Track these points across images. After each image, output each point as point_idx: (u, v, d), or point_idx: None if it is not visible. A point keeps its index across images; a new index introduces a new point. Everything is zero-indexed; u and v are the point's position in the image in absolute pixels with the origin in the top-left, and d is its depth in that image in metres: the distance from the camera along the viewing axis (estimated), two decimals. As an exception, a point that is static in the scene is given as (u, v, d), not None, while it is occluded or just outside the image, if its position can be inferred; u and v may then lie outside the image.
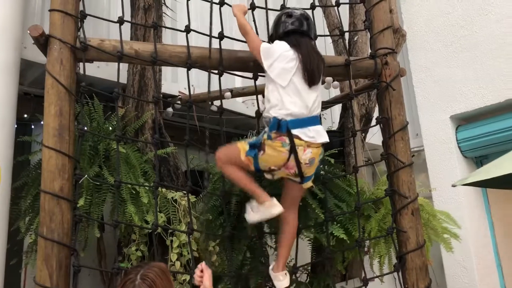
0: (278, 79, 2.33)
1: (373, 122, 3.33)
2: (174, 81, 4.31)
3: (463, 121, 5.40)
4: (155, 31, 2.73)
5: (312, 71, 2.37)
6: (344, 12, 3.98)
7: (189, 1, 2.71)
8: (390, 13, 3.42)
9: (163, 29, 3.63)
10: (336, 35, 4.17)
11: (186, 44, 2.61)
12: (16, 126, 2.82)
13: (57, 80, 2.30)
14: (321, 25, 4.06)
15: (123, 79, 3.45)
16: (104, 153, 2.90)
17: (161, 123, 3.46)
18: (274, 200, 2.42)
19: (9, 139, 2.65)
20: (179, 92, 4.01)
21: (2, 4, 2.74)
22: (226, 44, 2.72)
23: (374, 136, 4.27)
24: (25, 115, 3.51)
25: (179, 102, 3.86)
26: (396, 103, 2.85)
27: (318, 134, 2.35)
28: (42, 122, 2.33)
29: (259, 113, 2.83)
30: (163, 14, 3.64)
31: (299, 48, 2.38)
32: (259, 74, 2.76)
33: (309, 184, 2.51)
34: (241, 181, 2.47)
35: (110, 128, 3.09)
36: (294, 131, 2.28)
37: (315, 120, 2.38)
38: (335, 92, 4.39)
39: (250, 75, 2.80)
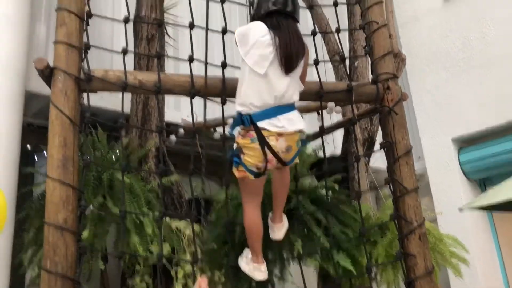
0: (255, 67, 2.18)
1: (377, 146, 3.32)
2: (177, 109, 4.33)
3: (465, 143, 5.40)
4: (159, 60, 2.75)
5: (290, 57, 2.20)
6: (343, 37, 4.03)
7: (191, 30, 2.73)
8: (390, 38, 3.45)
9: (166, 57, 3.66)
10: (337, 61, 4.21)
11: (189, 73, 2.62)
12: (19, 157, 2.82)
13: (62, 111, 2.31)
14: (321, 50, 4.10)
15: (127, 108, 3.46)
16: (108, 183, 2.89)
17: (164, 152, 3.45)
18: (263, 267, 2.46)
19: (13, 171, 2.64)
20: (182, 120, 4.02)
21: (7, 37, 2.78)
22: (229, 72, 2.73)
23: (377, 160, 4.26)
24: (28, 146, 3.51)
25: (182, 130, 3.86)
26: (400, 128, 2.85)
27: (290, 123, 2.23)
28: (45, 153, 2.33)
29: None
30: (166, 44, 3.68)
31: (278, 31, 2.19)
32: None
33: (294, 163, 2.45)
34: (251, 232, 2.42)
35: (114, 158, 3.08)
36: (260, 123, 2.17)
37: (287, 108, 2.25)
38: (337, 117, 4.39)
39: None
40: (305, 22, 6.07)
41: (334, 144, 5.27)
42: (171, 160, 3.61)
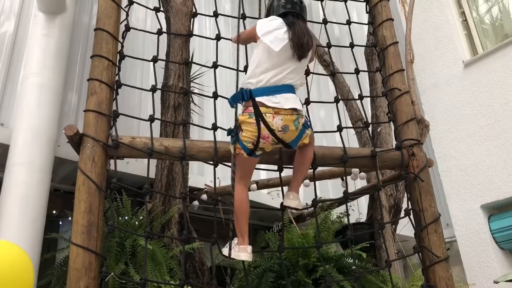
0: (272, 45, 2.43)
1: (403, 213, 3.24)
2: (201, 174, 4.36)
3: (495, 210, 5.23)
4: (184, 127, 2.81)
5: (302, 46, 2.49)
6: (365, 104, 4.08)
7: (216, 100, 2.81)
8: (412, 104, 3.48)
9: (191, 125, 3.74)
10: (360, 127, 4.23)
11: (213, 138, 2.66)
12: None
13: (89, 177, 2.34)
14: (343, 117, 4.15)
15: (151, 174, 3.50)
16: (130, 249, 2.86)
17: (187, 218, 3.44)
18: (249, 249, 2.44)
19: (38, 236, 2.65)
20: (205, 185, 4.03)
21: (41, 105, 2.89)
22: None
23: (405, 227, 4.14)
24: (54, 211, 3.55)
25: (205, 195, 3.87)
26: (426, 195, 2.79)
27: (286, 101, 2.40)
28: (70, 218, 2.34)
29: (284, 206, 2.80)
30: (191, 111, 3.78)
31: (292, 27, 2.52)
32: (284, 166, 2.77)
33: (303, 142, 2.52)
34: (240, 210, 2.47)
35: (137, 223, 3.08)
36: (258, 98, 2.37)
37: (286, 88, 2.45)
38: (361, 183, 4.35)
39: (274, 167, 2.81)
40: (327, 90, 6.21)
41: (359, 210, 5.17)
42: (193, 226, 3.58)
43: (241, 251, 2.44)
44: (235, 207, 2.49)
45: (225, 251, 2.48)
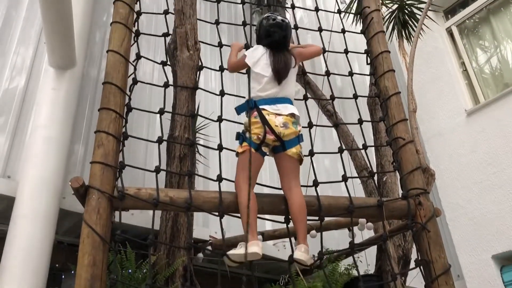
0: (262, 72, 2.77)
1: (412, 264, 3.17)
2: (205, 226, 4.31)
3: (507, 261, 5.11)
4: (190, 178, 2.81)
5: (279, 72, 2.79)
6: (370, 153, 4.09)
7: (221, 152, 2.83)
8: (417, 153, 3.48)
9: (197, 175, 3.74)
10: (365, 176, 4.22)
11: (218, 189, 2.65)
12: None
13: (93, 229, 2.32)
14: (348, 166, 4.14)
15: (156, 225, 3.47)
16: (133, 304, 2.80)
17: (192, 271, 3.37)
18: (260, 243, 2.44)
19: (40, 291, 2.60)
20: (210, 236, 3.98)
21: (49, 158, 2.92)
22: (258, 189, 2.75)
23: (414, 279, 4.03)
24: (57, 264, 3.49)
25: (210, 247, 3.81)
26: (435, 245, 2.74)
27: (285, 109, 2.72)
28: (72, 272, 2.30)
29: (293, 259, 2.74)
30: (196, 161, 3.79)
31: (272, 56, 2.84)
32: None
33: (293, 151, 2.68)
34: (246, 206, 2.45)
35: (141, 277, 3.01)
36: (261, 106, 2.69)
37: (284, 100, 2.76)
38: (369, 234, 4.28)
39: (280, 218, 2.78)
40: (332, 138, 6.25)
41: (367, 262, 5.05)
42: (198, 279, 3.50)
43: (252, 245, 2.41)
44: (243, 203, 2.49)
45: (231, 252, 2.46)
